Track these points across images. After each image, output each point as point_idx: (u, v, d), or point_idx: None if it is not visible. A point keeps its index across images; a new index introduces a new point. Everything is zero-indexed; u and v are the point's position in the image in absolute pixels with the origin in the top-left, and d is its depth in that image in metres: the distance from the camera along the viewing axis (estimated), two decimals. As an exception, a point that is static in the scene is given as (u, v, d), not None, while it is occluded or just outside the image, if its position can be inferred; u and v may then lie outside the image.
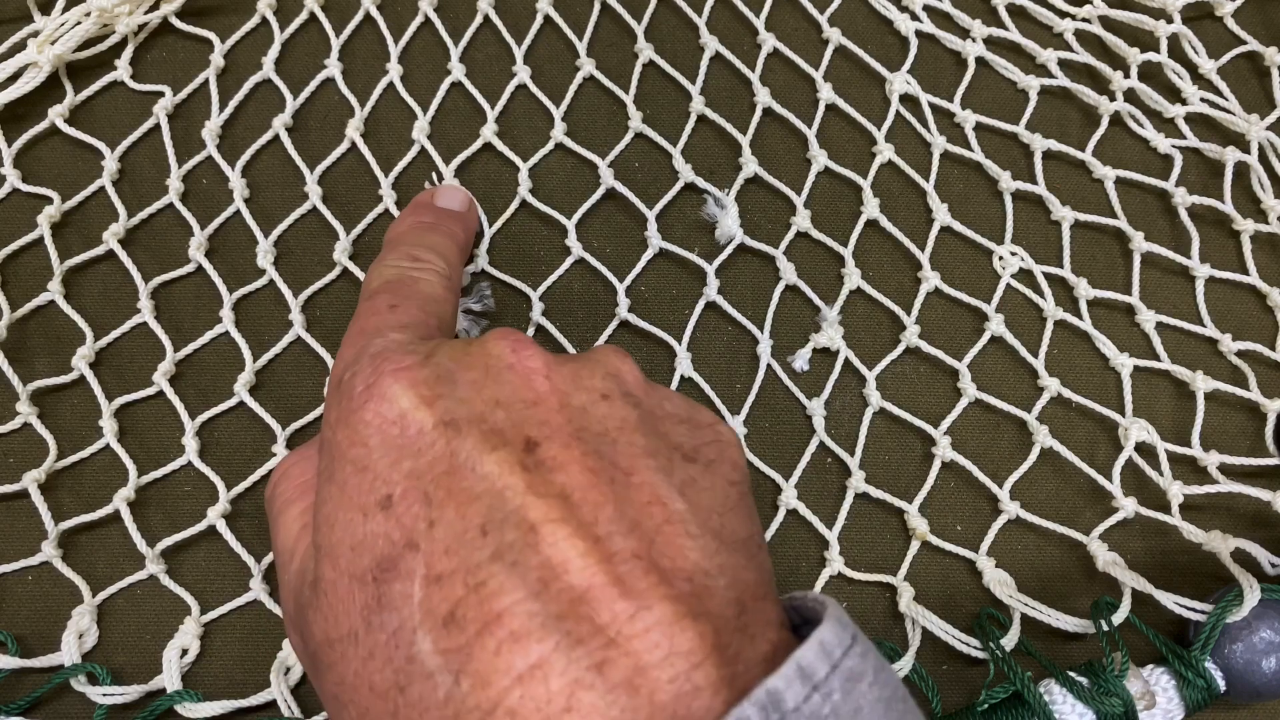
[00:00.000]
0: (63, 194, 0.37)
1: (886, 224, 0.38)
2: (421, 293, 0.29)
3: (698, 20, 0.40)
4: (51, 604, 0.33)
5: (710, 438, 0.24)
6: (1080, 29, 0.41)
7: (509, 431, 0.21)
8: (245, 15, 0.40)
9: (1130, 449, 0.35)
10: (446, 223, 0.33)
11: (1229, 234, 0.38)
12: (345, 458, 0.22)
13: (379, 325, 0.26)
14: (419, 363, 0.23)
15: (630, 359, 0.25)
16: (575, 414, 0.22)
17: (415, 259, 0.30)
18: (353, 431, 0.22)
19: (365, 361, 0.24)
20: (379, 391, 0.22)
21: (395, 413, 0.22)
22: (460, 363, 0.23)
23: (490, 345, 0.24)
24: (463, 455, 0.21)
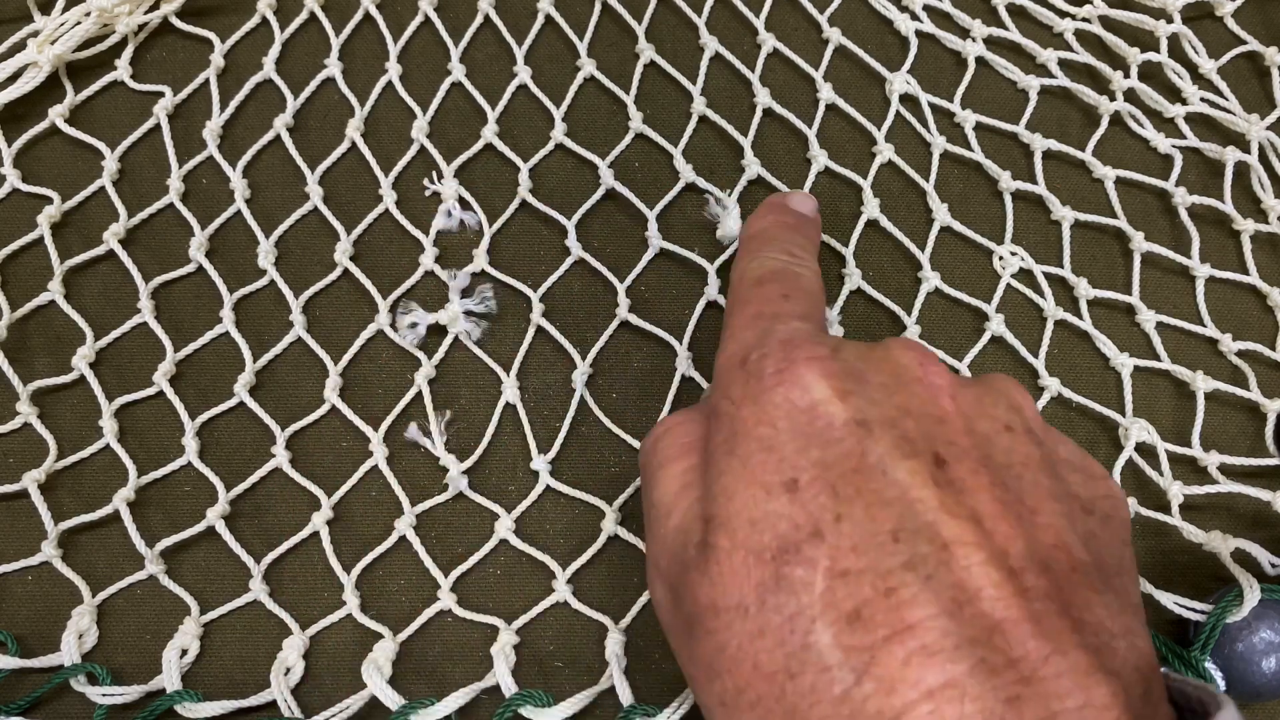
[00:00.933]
0: (63, 194, 0.37)
1: (887, 224, 0.37)
2: (806, 287, 0.28)
3: (697, 20, 0.40)
4: (51, 604, 0.33)
5: (1104, 491, 0.23)
6: (1080, 29, 0.40)
7: (920, 442, 0.21)
8: (245, 15, 0.39)
9: (1130, 449, 0.34)
10: (806, 225, 0.32)
11: (1229, 234, 0.38)
12: (751, 435, 0.22)
13: (778, 312, 0.26)
14: (830, 355, 0.23)
15: (1027, 393, 0.24)
16: (980, 440, 0.22)
17: (792, 254, 0.29)
18: (761, 410, 0.22)
19: (775, 345, 0.23)
20: (792, 377, 0.22)
21: (807, 401, 0.22)
22: (868, 364, 0.23)
23: (896, 353, 0.24)
24: (874, 457, 0.21)
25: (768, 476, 0.21)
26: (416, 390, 0.35)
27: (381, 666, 0.31)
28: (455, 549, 0.33)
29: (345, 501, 0.34)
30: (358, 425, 0.34)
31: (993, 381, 0.24)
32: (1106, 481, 0.24)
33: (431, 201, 0.37)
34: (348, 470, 0.34)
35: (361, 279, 0.36)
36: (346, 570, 0.33)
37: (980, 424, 0.22)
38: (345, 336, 0.35)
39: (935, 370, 0.23)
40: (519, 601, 0.33)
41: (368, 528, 0.34)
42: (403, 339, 0.35)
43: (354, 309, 0.36)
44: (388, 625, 0.32)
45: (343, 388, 0.35)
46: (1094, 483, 0.23)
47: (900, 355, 0.24)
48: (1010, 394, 0.24)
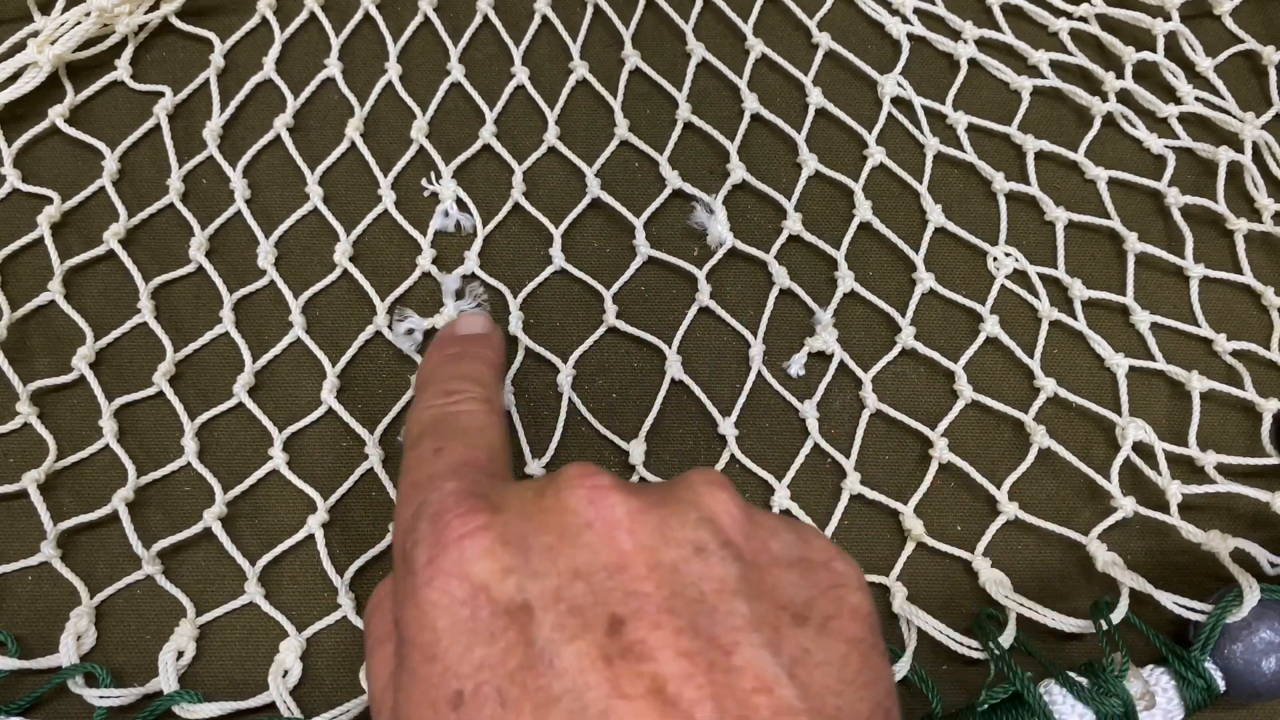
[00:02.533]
0: (63, 194, 0.35)
1: (880, 226, 0.36)
2: (464, 427, 0.26)
3: (684, 26, 0.39)
4: (51, 604, 0.31)
5: (826, 583, 0.21)
6: (1076, 28, 0.39)
7: (589, 610, 0.18)
8: (245, 15, 0.38)
9: (1128, 448, 0.33)
10: (472, 348, 0.30)
11: (1223, 234, 0.37)
12: (414, 643, 0.19)
13: (430, 475, 0.23)
14: (485, 525, 0.20)
15: (727, 489, 0.21)
16: (666, 576, 0.19)
17: (449, 393, 0.27)
18: (420, 614, 0.19)
19: (425, 526, 0.21)
20: (445, 566, 0.19)
21: (466, 590, 0.19)
22: (532, 521, 0.20)
23: (565, 495, 0.20)
24: (539, 643, 0.18)
25: (433, 693, 0.19)
26: (412, 394, 0.34)
27: (380, 668, 0.30)
28: (454, 549, 0.32)
29: (343, 503, 0.33)
30: (355, 427, 0.33)
31: (685, 490, 0.21)
32: (829, 566, 0.21)
33: (430, 202, 0.36)
34: (345, 472, 0.33)
35: (360, 280, 0.35)
36: (340, 573, 0.32)
37: (666, 554, 0.20)
38: (344, 337, 0.34)
39: (607, 504, 0.20)
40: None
41: (366, 529, 0.32)
42: (400, 344, 0.34)
43: (353, 309, 0.35)
44: (387, 625, 0.31)
45: (341, 389, 0.34)
46: (812, 575, 0.21)
47: (569, 497, 0.20)
48: (702, 502, 0.21)
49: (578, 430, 0.34)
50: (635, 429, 0.34)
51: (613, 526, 0.20)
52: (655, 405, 0.34)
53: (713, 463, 0.33)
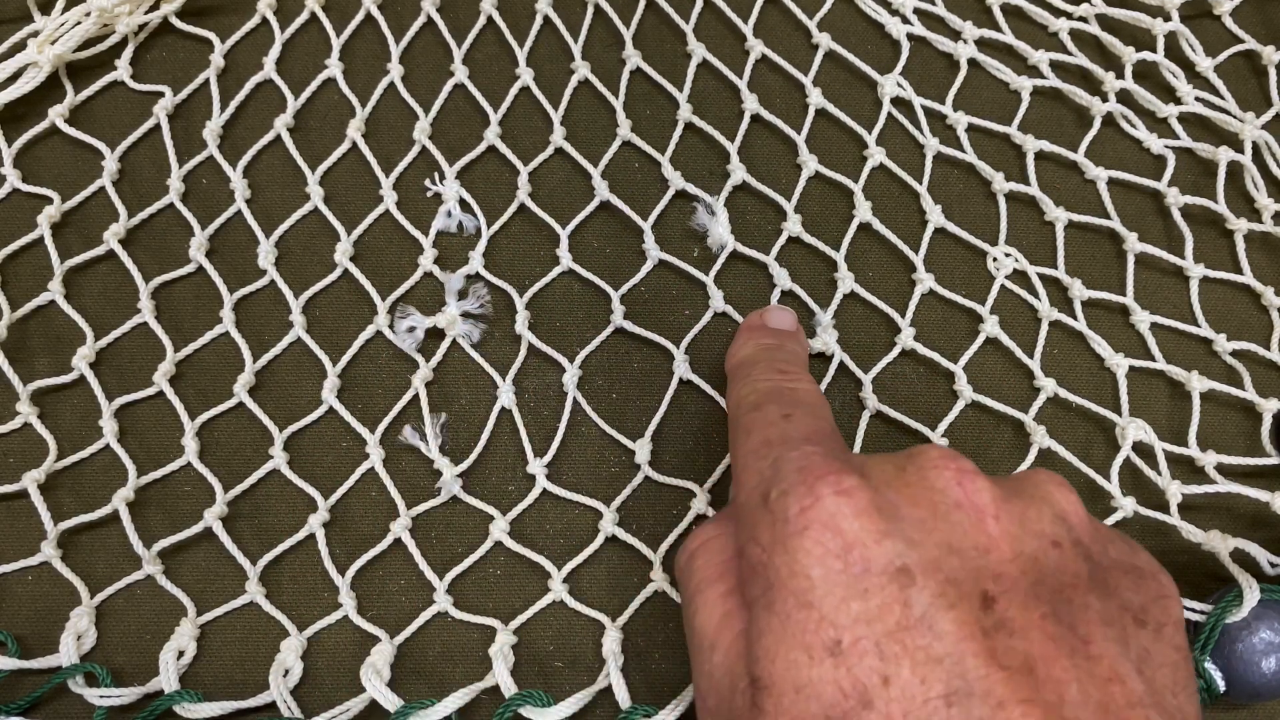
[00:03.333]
0: (63, 194, 0.35)
1: (880, 227, 0.36)
2: (805, 401, 0.26)
3: (685, 26, 0.39)
4: (51, 604, 0.31)
5: (1155, 593, 0.22)
6: (1076, 28, 0.39)
7: (965, 583, 0.19)
8: (245, 15, 0.38)
9: (1127, 448, 0.33)
10: (788, 341, 0.30)
11: (1223, 234, 0.37)
12: (786, 588, 0.20)
13: (784, 435, 0.24)
14: (858, 486, 0.21)
15: (1072, 490, 0.22)
16: (1029, 565, 0.20)
17: (782, 371, 0.27)
18: (793, 560, 0.20)
19: (794, 478, 0.21)
20: (819, 517, 0.20)
21: (839, 544, 0.20)
22: (902, 493, 0.21)
23: (932, 475, 0.21)
24: (918, 609, 0.19)
25: (809, 637, 0.20)
26: (414, 392, 0.33)
27: (380, 669, 0.30)
28: (455, 549, 0.32)
29: (344, 503, 0.32)
30: (355, 427, 0.33)
31: (1035, 487, 0.22)
32: (1157, 579, 0.22)
33: (432, 202, 0.36)
34: (346, 471, 0.33)
35: (361, 280, 0.35)
36: (341, 572, 0.31)
37: (1027, 544, 0.21)
38: (345, 337, 0.34)
39: (975, 488, 0.21)
40: (519, 601, 0.32)
41: (366, 529, 0.32)
42: (401, 343, 0.34)
43: (354, 309, 0.35)
44: (388, 626, 0.31)
45: (341, 389, 0.34)
46: (1145, 584, 0.22)
47: (935, 477, 0.21)
48: (1054, 500, 0.22)
49: (578, 430, 0.33)
50: (635, 428, 0.33)
51: (981, 510, 0.21)
52: (662, 405, 0.33)
53: (716, 461, 0.33)
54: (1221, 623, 0.29)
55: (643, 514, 0.33)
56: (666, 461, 0.33)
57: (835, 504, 0.20)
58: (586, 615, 0.31)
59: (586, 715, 0.30)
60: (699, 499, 0.32)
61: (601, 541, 0.32)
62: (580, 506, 0.33)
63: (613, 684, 0.29)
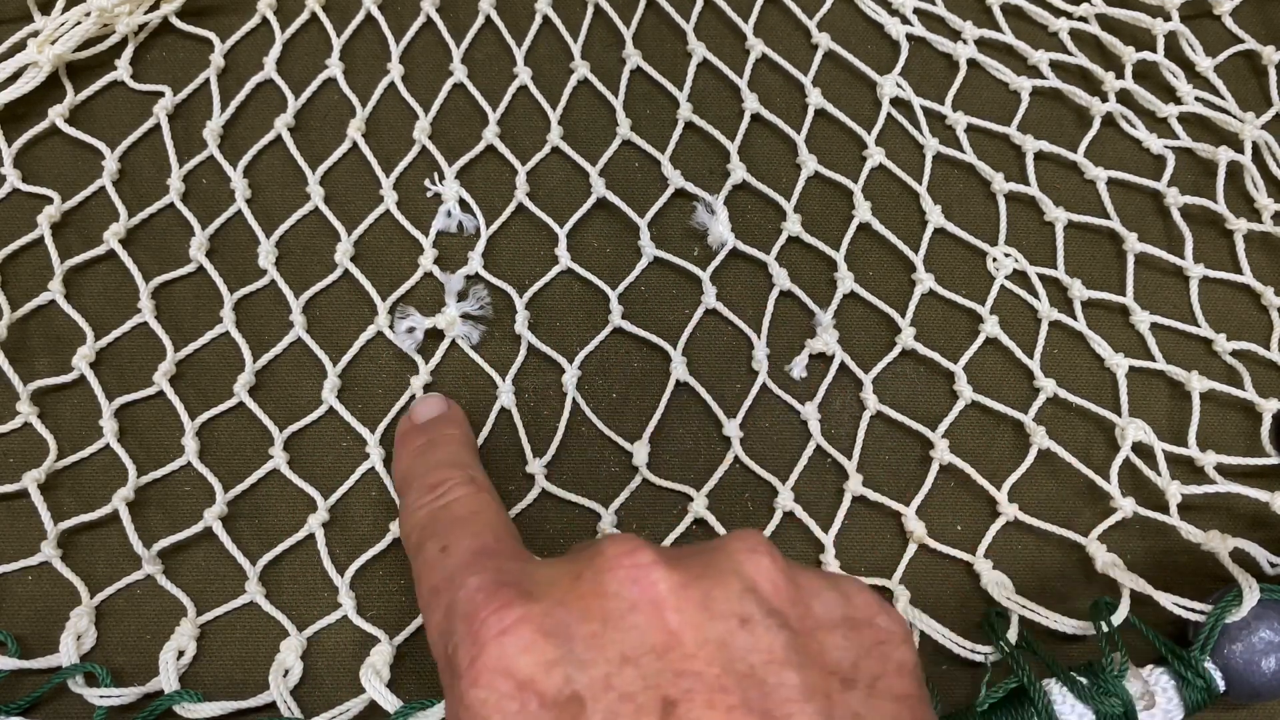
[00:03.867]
0: (63, 194, 0.35)
1: (879, 227, 0.36)
2: (460, 516, 0.25)
3: (685, 26, 0.38)
4: (51, 604, 0.31)
5: (870, 640, 0.21)
6: (1076, 28, 0.39)
7: (641, 695, 0.18)
8: (245, 15, 0.38)
9: (1127, 449, 0.33)
10: (437, 432, 0.29)
11: (1222, 234, 0.37)
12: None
13: (446, 577, 0.23)
14: (522, 617, 0.20)
15: (768, 554, 0.21)
16: (714, 652, 0.19)
17: (432, 487, 0.26)
18: (471, 714, 0.19)
19: (461, 628, 0.20)
20: (488, 664, 0.19)
21: (509, 687, 0.19)
22: (574, 608, 0.20)
23: (606, 579, 0.20)
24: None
25: None
26: (414, 393, 0.33)
27: (380, 670, 0.30)
28: (455, 549, 0.32)
29: (344, 503, 0.32)
30: (355, 427, 0.33)
31: (720, 559, 0.21)
32: (872, 624, 0.21)
33: (432, 202, 0.36)
34: (346, 471, 0.32)
35: (361, 280, 0.35)
36: (341, 572, 0.31)
37: (712, 629, 0.19)
38: (345, 337, 0.34)
39: (649, 581, 0.20)
40: (518, 601, 0.32)
41: (366, 529, 0.32)
42: (401, 343, 0.34)
43: (354, 309, 0.35)
44: (388, 626, 0.31)
45: (342, 389, 0.34)
46: (856, 634, 0.21)
47: (609, 580, 0.20)
48: (743, 570, 0.21)
49: (578, 430, 0.33)
50: (635, 429, 0.33)
51: (658, 605, 0.20)
52: (660, 407, 0.33)
53: (715, 463, 0.33)
54: (1221, 623, 0.29)
55: (642, 515, 0.32)
56: (665, 462, 0.33)
57: (499, 647, 0.19)
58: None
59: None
60: (697, 502, 0.32)
61: (601, 542, 0.32)
62: (579, 507, 0.32)
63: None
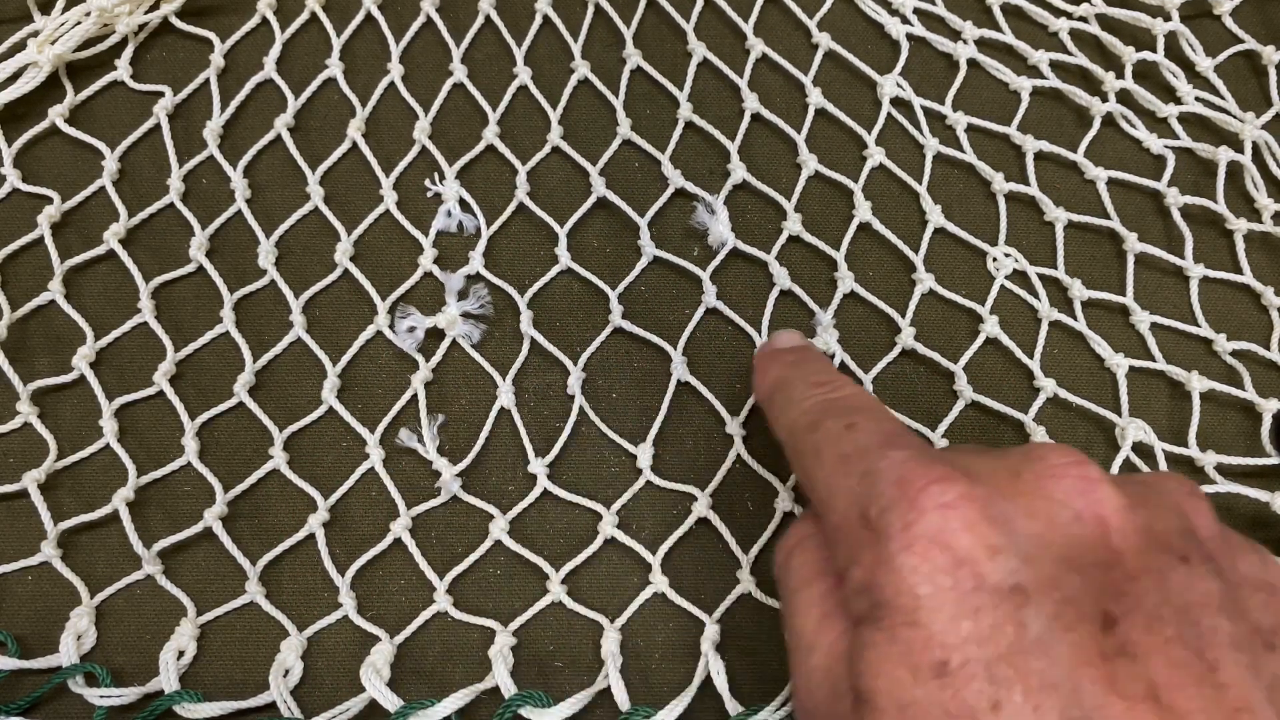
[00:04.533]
0: (63, 194, 0.35)
1: (879, 227, 0.36)
2: (859, 406, 0.24)
3: (685, 25, 0.38)
4: (51, 604, 0.31)
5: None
6: (1076, 28, 0.39)
7: (1084, 603, 0.18)
8: (245, 15, 0.38)
9: (1127, 449, 0.33)
10: (804, 351, 0.29)
11: (1222, 234, 0.36)
12: (891, 606, 0.19)
13: (860, 448, 0.22)
14: (965, 495, 0.19)
15: (1204, 498, 0.21)
16: (1154, 582, 0.19)
17: (820, 383, 0.25)
18: (897, 578, 0.19)
19: (892, 492, 0.20)
20: (926, 531, 0.19)
21: (946, 561, 0.19)
22: (1016, 502, 0.20)
23: (1049, 484, 0.20)
24: (1033, 630, 0.18)
25: (915, 657, 0.18)
26: (414, 393, 0.33)
27: (380, 669, 0.30)
28: (455, 549, 0.32)
29: (344, 502, 0.32)
30: (355, 427, 0.33)
31: (1162, 494, 0.21)
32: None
33: (432, 202, 0.36)
34: (346, 471, 0.32)
35: (361, 280, 0.34)
36: (341, 572, 0.31)
37: (1154, 559, 0.19)
38: (345, 337, 0.34)
39: (1097, 498, 0.20)
40: (519, 601, 0.31)
41: (366, 529, 0.32)
42: (401, 343, 0.34)
43: (354, 309, 0.35)
44: (388, 626, 0.31)
45: (342, 389, 0.34)
46: (1275, 601, 0.20)
47: (1054, 487, 0.20)
48: (1181, 507, 0.20)
49: (578, 430, 0.33)
50: (636, 428, 0.33)
51: (1104, 523, 0.19)
52: (662, 408, 0.33)
53: (717, 462, 0.33)
54: (1221, 623, 0.29)
55: (643, 515, 0.32)
56: (667, 462, 0.33)
57: (942, 518, 0.19)
58: (586, 616, 0.31)
59: (586, 716, 0.30)
60: (700, 502, 0.32)
61: (601, 543, 0.32)
62: (580, 507, 0.32)
63: (612, 685, 0.29)
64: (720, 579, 0.32)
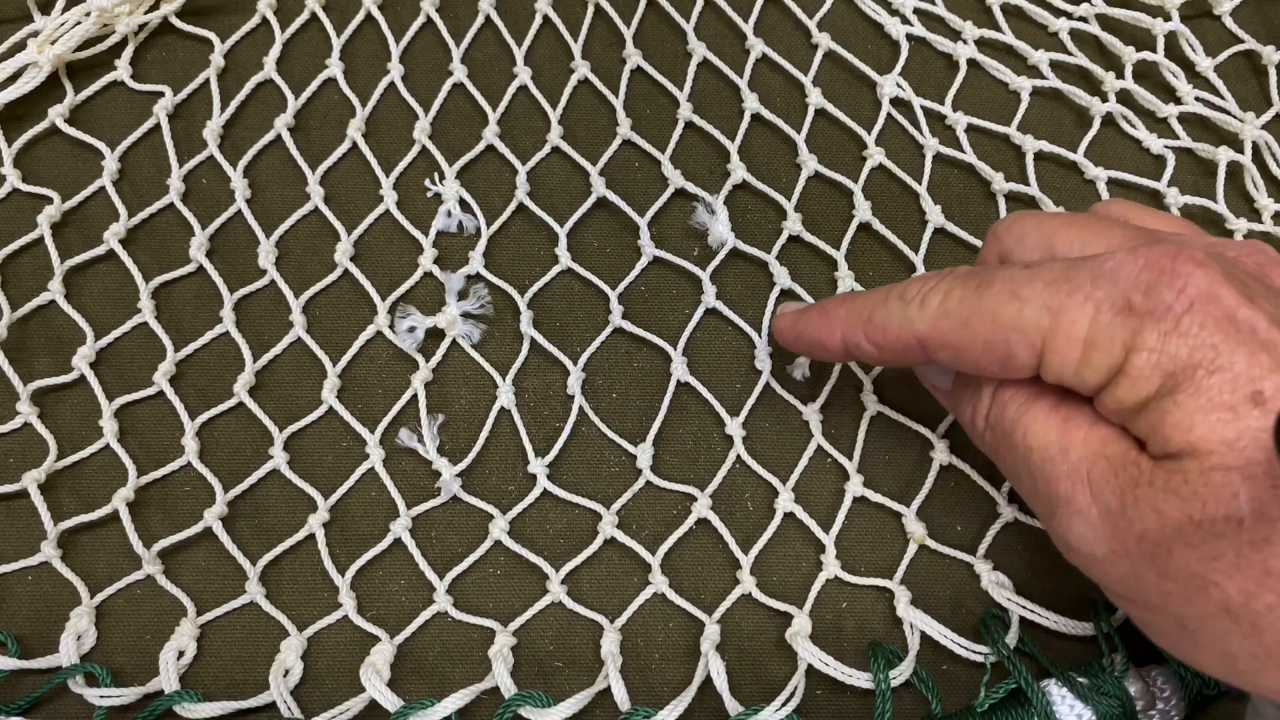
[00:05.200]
0: (63, 194, 0.35)
1: (879, 227, 0.36)
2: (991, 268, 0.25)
3: (685, 25, 0.38)
4: (51, 604, 0.31)
5: None
6: (1076, 28, 0.39)
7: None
8: (245, 15, 0.38)
9: (1127, 449, 0.33)
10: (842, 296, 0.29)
11: (1223, 234, 0.37)
12: (1190, 363, 0.21)
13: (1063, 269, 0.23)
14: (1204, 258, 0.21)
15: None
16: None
17: (916, 281, 0.26)
18: (1189, 338, 0.21)
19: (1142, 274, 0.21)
20: (1198, 292, 0.21)
21: (1222, 310, 0.21)
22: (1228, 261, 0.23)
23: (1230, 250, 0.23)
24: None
25: (1227, 397, 0.20)
26: (414, 392, 0.33)
27: (380, 669, 0.30)
28: (455, 549, 0.32)
29: (344, 503, 0.32)
30: (355, 427, 0.33)
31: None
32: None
33: (432, 202, 0.36)
34: (346, 471, 0.32)
35: (361, 280, 0.35)
36: (341, 572, 0.31)
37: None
38: (345, 337, 0.34)
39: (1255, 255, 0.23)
40: (519, 601, 0.31)
41: (366, 529, 0.32)
42: (401, 343, 0.34)
43: (354, 309, 0.35)
44: (389, 626, 0.31)
45: (341, 389, 0.34)
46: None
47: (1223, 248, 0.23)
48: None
49: (578, 430, 0.33)
50: (636, 428, 0.33)
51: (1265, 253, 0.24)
52: (662, 408, 0.33)
53: (716, 462, 0.33)
54: (1221, 623, 0.29)
55: (643, 515, 0.32)
56: (666, 463, 0.33)
57: (1205, 276, 0.21)
58: (586, 616, 0.31)
59: (586, 716, 0.30)
60: (700, 502, 0.32)
61: (601, 543, 0.32)
62: (580, 507, 0.32)
63: (612, 685, 0.29)
64: (720, 579, 0.32)
